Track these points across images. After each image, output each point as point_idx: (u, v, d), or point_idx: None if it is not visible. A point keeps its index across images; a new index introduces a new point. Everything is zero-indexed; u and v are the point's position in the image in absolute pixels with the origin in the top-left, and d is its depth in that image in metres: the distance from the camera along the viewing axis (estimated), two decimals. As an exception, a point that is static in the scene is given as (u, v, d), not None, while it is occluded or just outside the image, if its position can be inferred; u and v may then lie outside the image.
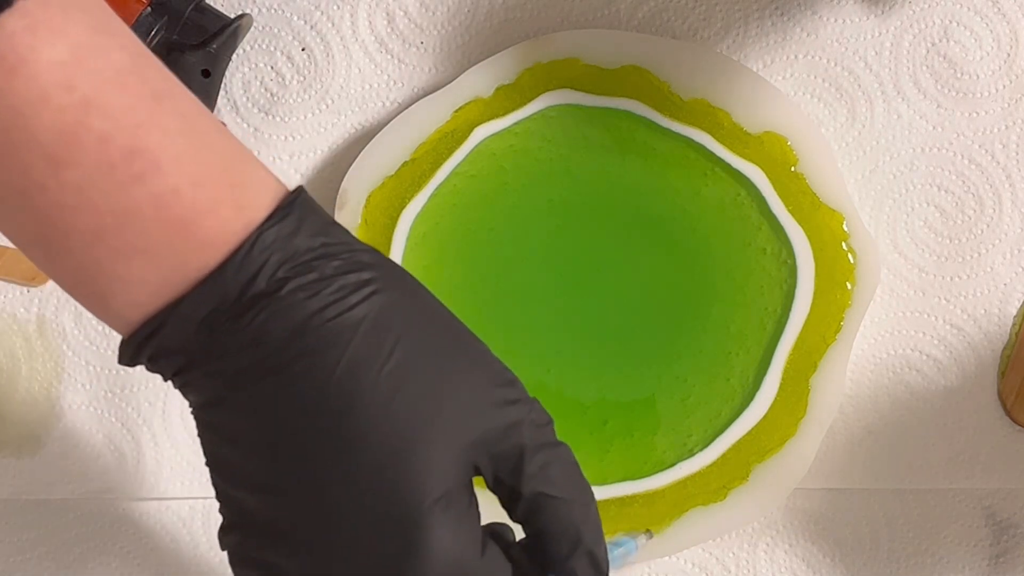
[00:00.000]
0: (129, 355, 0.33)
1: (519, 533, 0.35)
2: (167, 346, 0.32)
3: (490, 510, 0.35)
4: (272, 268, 0.31)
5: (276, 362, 0.31)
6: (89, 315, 0.51)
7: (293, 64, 0.51)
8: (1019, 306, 0.51)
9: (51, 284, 0.51)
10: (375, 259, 0.33)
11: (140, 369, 0.51)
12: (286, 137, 0.51)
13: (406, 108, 0.50)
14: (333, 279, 0.32)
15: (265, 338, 0.31)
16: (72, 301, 0.51)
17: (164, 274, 0.31)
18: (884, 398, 0.51)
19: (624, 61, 0.49)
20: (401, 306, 0.32)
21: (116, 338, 0.51)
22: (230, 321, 0.31)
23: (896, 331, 0.51)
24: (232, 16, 0.49)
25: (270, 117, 0.51)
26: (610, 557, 0.37)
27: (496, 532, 0.35)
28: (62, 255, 0.31)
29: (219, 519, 0.51)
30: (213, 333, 0.31)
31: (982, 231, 0.51)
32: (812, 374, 0.49)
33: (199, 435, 0.34)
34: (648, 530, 0.47)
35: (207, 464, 0.34)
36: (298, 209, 0.32)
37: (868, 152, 0.51)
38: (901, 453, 0.51)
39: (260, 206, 0.32)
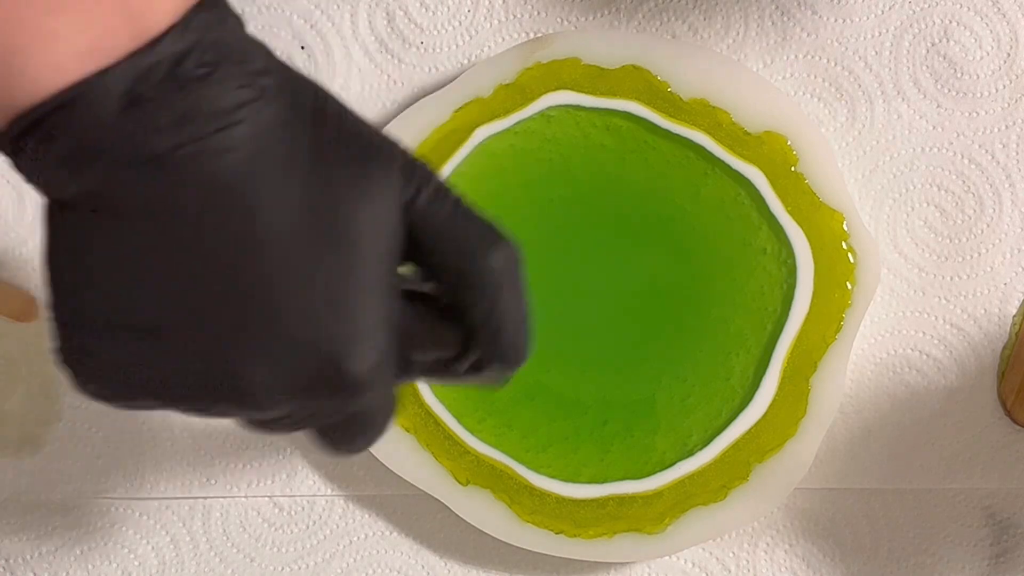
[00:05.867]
0: (21, 128, 0.30)
1: None
2: (78, 120, 0.30)
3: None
4: (202, 50, 0.30)
5: (197, 149, 0.30)
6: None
7: (293, 63, 0.51)
8: (1019, 306, 0.51)
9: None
10: (280, 64, 0.32)
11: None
12: (286, 137, 0.51)
13: (406, 108, 0.50)
14: (263, 75, 0.31)
15: (191, 121, 0.30)
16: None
17: (93, 37, 0.30)
18: (884, 398, 0.51)
19: (624, 61, 0.49)
20: (303, 112, 0.32)
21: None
22: (157, 98, 0.30)
23: (896, 331, 0.51)
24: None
25: (270, 117, 0.51)
26: None
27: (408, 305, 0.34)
28: None
29: (219, 518, 0.51)
30: (135, 109, 0.30)
31: (982, 231, 0.51)
32: (812, 374, 0.49)
33: (51, 233, 0.32)
34: None
35: (50, 271, 0.32)
36: (223, 4, 0.31)
37: (868, 152, 0.51)
38: (901, 453, 0.51)
39: None
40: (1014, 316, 0.51)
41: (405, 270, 0.34)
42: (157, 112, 0.30)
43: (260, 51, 0.32)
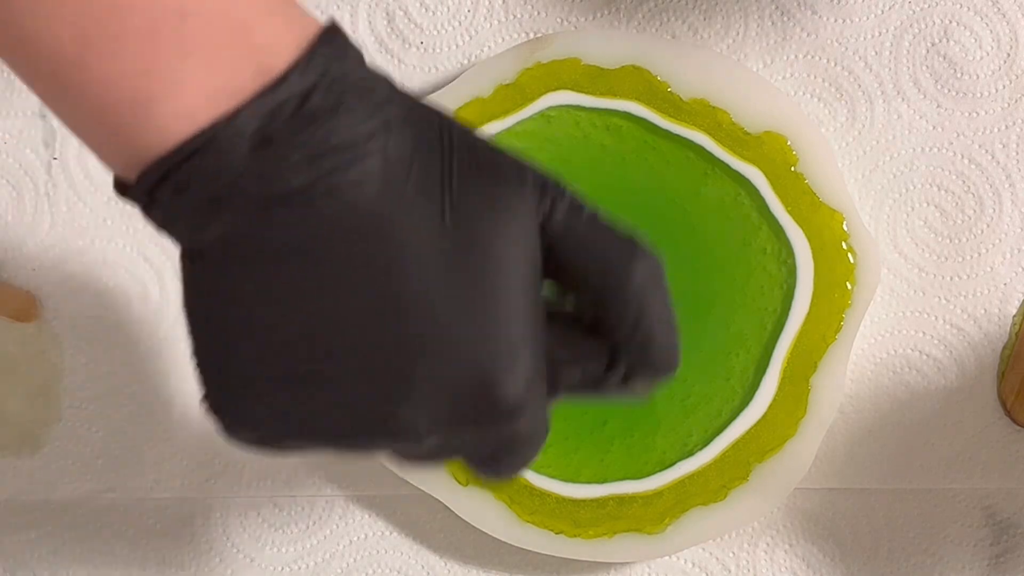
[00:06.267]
0: (158, 177, 0.30)
1: None
2: (210, 166, 0.29)
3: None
4: (327, 84, 0.30)
5: (331, 184, 0.30)
6: (89, 316, 0.51)
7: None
8: (1019, 306, 0.51)
9: (47, 303, 0.51)
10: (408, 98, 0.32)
11: (136, 368, 0.51)
12: (286, 137, 0.51)
13: (406, 108, 0.50)
14: (388, 104, 0.31)
15: (324, 155, 0.30)
16: (73, 301, 0.51)
17: (220, 80, 0.29)
18: (884, 398, 0.51)
19: (624, 61, 0.49)
20: (441, 135, 0.32)
21: (115, 338, 0.51)
22: (287, 136, 0.29)
23: (896, 331, 0.51)
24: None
25: (270, 117, 0.51)
26: None
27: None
28: (107, 59, 0.29)
29: (218, 518, 0.51)
30: (266, 149, 0.29)
31: (982, 231, 0.51)
32: (812, 374, 0.49)
33: (191, 282, 0.31)
34: None
35: (191, 320, 0.31)
36: (342, 37, 0.31)
37: (868, 152, 0.51)
38: (901, 453, 0.51)
39: (308, 25, 0.30)
40: (1014, 316, 0.51)
41: (545, 289, 0.33)
42: (288, 150, 0.29)
43: (383, 83, 0.31)
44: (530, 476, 0.49)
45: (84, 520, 0.51)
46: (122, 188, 0.31)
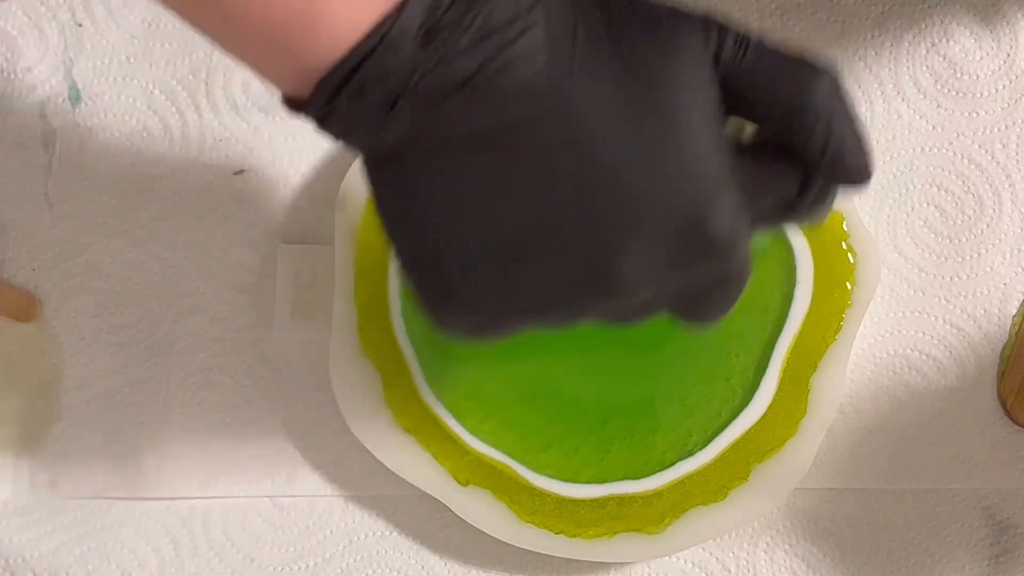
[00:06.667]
0: (334, 85, 0.30)
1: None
2: (384, 65, 0.30)
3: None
4: None
5: (503, 61, 0.30)
6: (88, 316, 0.51)
7: None
8: (1019, 306, 0.51)
9: (47, 303, 0.51)
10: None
11: (137, 368, 0.51)
12: (286, 137, 0.51)
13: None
14: None
15: (490, 35, 0.30)
16: (73, 301, 0.51)
17: None
18: (884, 398, 0.51)
19: (624, 61, 0.49)
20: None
21: (115, 338, 0.51)
22: (451, 23, 0.30)
23: (896, 331, 0.51)
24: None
25: (270, 117, 0.51)
26: None
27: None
28: None
29: (218, 518, 0.51)
30: (434, 39, 0.30)
31: (982, 231, 0.51)
32: (812, 374, 0.49)
33: (384, 186, 0.31)
34: None
35: (390, 222, 0.32)
36: None
37: (868, 152, 0.51)
38: (901, 453, 0.51)
39: None
40: (1014, 316, 0.51)
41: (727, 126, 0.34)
42: (455, 37, 0.30)
43: None
44: (530, 476, 0.49)
45: (84, 520, 0.51)
46: (295, 105, 0.32)
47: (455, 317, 0.32)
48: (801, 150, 0.33)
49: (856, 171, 0.34)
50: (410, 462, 0.49)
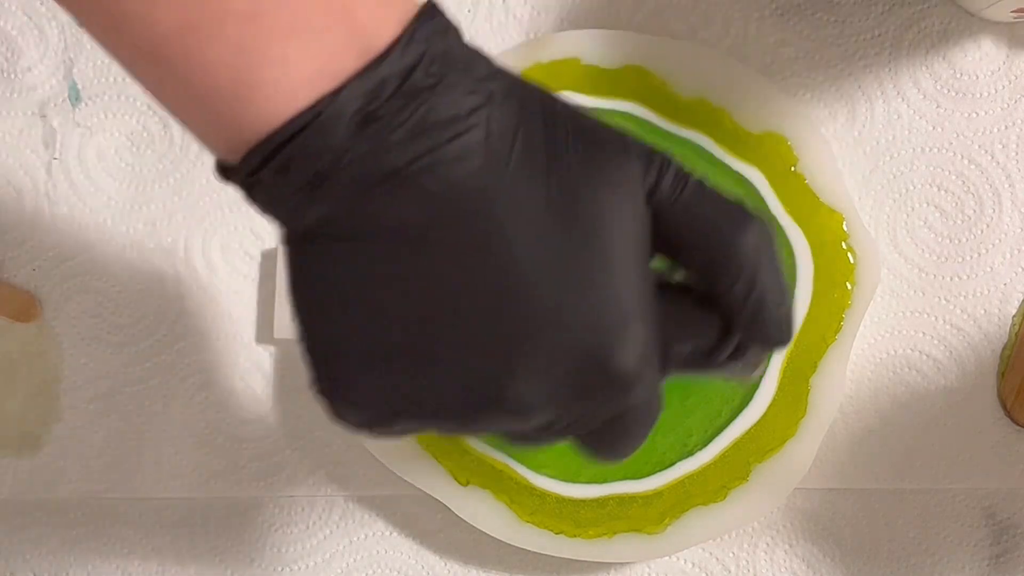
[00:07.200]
0: (261, 158, 0.30)
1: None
2: (313, 145, 0.29)
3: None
4: (429, 61, 0.30)
5: (433, 159, 0.29)
6: (88, 316, 0.51)
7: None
8: (1019, 306, 0.51)
9: (47, 303, 0.51)
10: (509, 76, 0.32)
11: (137, 368, 0.51)
12: (286, 137, 0.51)
13: (406, 108, 0.50)
14: (489, 80, 0.30)
15: (426, 131, 0.29)
16: (73, 301, 0.51)
17: (322, 60, 0.29)
18: (884, 398, 0.51)
19: (624, 61, 0.49)
20: (539, 115, 0.31)
21: (115, 338, 0.51)
22: (389, 114, 0.29)
23: (896, 331, 0.51)
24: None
25: (270, 117, 0.51)
26: None
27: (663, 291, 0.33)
28: (210, 43, 0.29)
29: (218, 518, 0.51)
30: (368, 127, 0.29)
31: (982, 231, 0.51)
32: (812, 374, 0.49)
33: (296, 265, 0.31)
34: None
35: (298, 304, 0.31)
36: (442, 14, 0.31)
37: (868, 152, 0.51)
38: (901, 453, 0.51)
39: (407, 2, 0.30)
40: (1014, 316, 0.51)
41: (654, 264, 0.33)
42: (390, 128, 0.29)
43: (482, 59, 0.31)
44: (530, 476, 0.49)
45: (84, 520, 0.51)
46: (225, 171, 0.31)
47: (346, 411, 0.31)
48: (723, 299, 0.33)
49: (774, 331, 0.33)
50: (410, 462, 0.49)
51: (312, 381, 0.31)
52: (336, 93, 0.29)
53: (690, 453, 0.49)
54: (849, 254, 0.49)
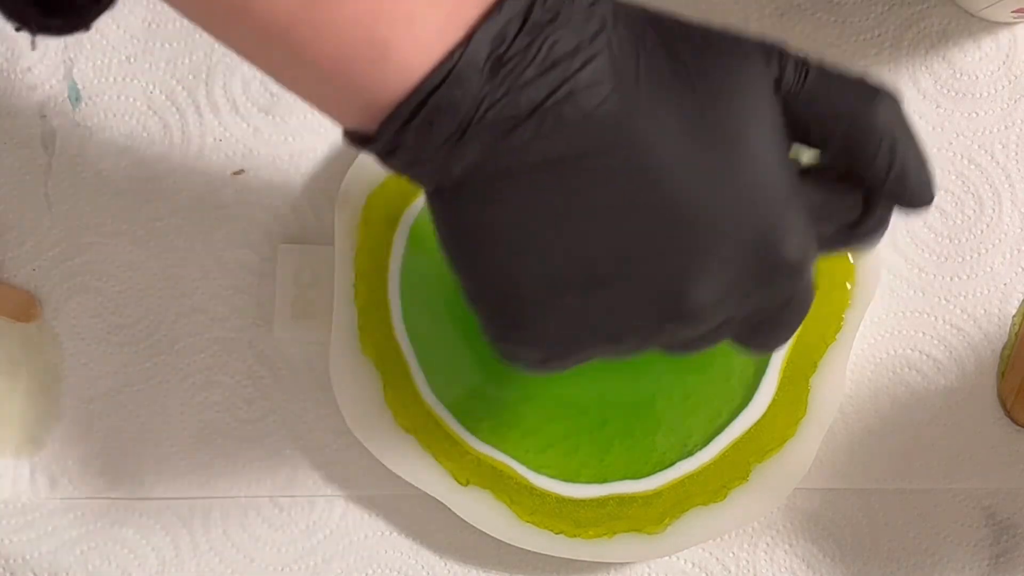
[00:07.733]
0: (403, 119, 0.30)
1: None
2: (454, 97, 0.30)
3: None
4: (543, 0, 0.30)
5: (568, 89, 0.30)
6: (88, 316, 0.51)
7: None
8: (1019, 306, 0.51)
9: (47, 303, 0.51)
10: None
11: (137, 368, 0.51)
12: (286, 137, 0.51)
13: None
14: (598, 5, 0.31)
15: (555, 64, 0.30)
16: (73, 301, 0.51)
17: (446, 11, 0.30)
18: (884, 398, 0.51)
19: (624, 61, 0.49)
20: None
21: (115, 338, 0.51)
22: (518, 53, 0.30)
23: (896, 331, 0.51)
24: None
25: (270, 117, 0.51)
26: None
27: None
28: (340, 9, 0.29)
29: (219, 518, 0.51)
30: (501, 70, 0.30)
31: (982, 231, 0.51)
32: (812, 374, 0.49)
33: (450, 219, 0.31)
34: None
35: (461, 255, 0.32)
36: None
37: (868, 152, 0.51)
38: (901, 453, 0.51)
39: None
40: (1014, 316, 0.51)
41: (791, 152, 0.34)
42: (521, 67, 0.30)
43: None
44: (530, 476, 0.49)
45: (84, 520, 0.51)
46: (359, 139, 0.31)
47: (523, 350, 0.32)
48: (864, 174, 0.33)
49: (920, 192, 0.34)
50: (410, 462, 0.49)
51: (485, 328, 0.32)
52: (466, 42, 0.30)
53: (690, 453, 0.49)
54: (849, 254, 0.49)
